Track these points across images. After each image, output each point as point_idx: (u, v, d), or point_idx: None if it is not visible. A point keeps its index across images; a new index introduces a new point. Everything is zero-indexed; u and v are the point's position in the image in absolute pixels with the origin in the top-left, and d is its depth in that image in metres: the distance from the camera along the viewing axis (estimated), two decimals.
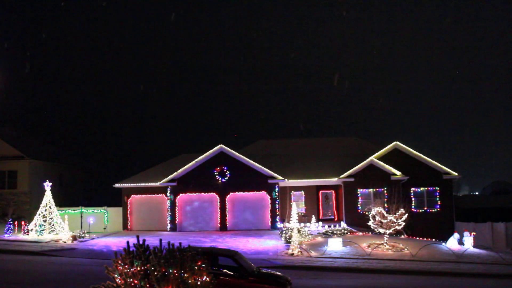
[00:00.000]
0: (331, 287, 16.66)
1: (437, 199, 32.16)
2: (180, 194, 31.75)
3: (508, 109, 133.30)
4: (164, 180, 31.50)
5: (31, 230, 28.29)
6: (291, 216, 24.83)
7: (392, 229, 24.55)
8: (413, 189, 32.27)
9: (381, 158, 32.27)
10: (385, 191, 30.78)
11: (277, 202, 31.13)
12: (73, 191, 41.97)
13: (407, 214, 24.48)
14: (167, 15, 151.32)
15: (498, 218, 32.31)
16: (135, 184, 32.74)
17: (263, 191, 31.31)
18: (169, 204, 31.74)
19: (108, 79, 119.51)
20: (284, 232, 25.48)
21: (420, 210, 32.08)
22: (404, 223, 24.45)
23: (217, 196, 31.58)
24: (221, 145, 31.60)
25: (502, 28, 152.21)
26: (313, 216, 31.70)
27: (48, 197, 28.69)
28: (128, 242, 9.44)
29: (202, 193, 31.77)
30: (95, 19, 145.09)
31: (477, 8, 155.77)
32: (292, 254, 22.33)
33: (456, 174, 32.47)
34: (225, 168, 31.50)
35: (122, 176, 35.63)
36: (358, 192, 31.86)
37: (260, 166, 31.16)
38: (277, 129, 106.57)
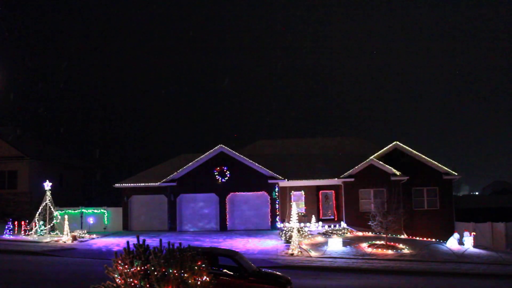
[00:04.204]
0: (331, 287, 16.66)
1: (437, 199, 32.12)
2: (180, 194, 31.71)
3: (508, 109, 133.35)
4: (164, 180, 31.49)
5: (31, 230, 28.29)
6: (291, 216, 24.78)
7: (392, 229, 24.55)
8: (413, 189, 32.24)
9: (381, 158, 32.25)
10: (385, 191, 30.76)
11: (277, 202, 31.11)
12: (73, 191, 41.94)
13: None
14: (167, 15, 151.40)
15: (498, 218, 32.23)
16: (135, 184, 32.71)
17: (263, 191, 31.29)
18: (169, 204, 31.71)
19: (109, 79, 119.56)
20: (284, 232, 25.48)
21: (420, 210, 32.04)
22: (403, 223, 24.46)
23: (217, 196, 31.55)
24: (221, 145, 31.57)
25: (502, 28, 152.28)
26: (313, 216, 31.68)
27: (48, 197, 28.68)
28: (128, 242, 9.46)
29: (202, 193, 31.71)
30: (95, 18, 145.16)
31: (477, 8, 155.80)
32: (292, 254, 22.32)
33: (456, 174, 32.46)
34: (225, 168, 31.47)
35: (122, 176, 35.65)
36: (358, 192, 31.84)
37: (260, 166, 31.14)
38: (277, 129, 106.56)
